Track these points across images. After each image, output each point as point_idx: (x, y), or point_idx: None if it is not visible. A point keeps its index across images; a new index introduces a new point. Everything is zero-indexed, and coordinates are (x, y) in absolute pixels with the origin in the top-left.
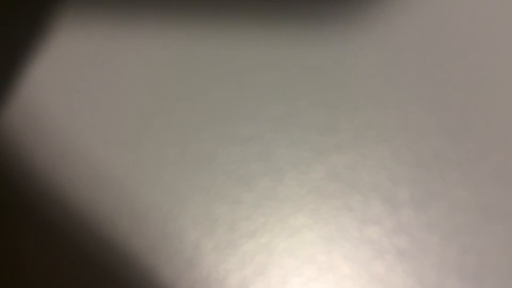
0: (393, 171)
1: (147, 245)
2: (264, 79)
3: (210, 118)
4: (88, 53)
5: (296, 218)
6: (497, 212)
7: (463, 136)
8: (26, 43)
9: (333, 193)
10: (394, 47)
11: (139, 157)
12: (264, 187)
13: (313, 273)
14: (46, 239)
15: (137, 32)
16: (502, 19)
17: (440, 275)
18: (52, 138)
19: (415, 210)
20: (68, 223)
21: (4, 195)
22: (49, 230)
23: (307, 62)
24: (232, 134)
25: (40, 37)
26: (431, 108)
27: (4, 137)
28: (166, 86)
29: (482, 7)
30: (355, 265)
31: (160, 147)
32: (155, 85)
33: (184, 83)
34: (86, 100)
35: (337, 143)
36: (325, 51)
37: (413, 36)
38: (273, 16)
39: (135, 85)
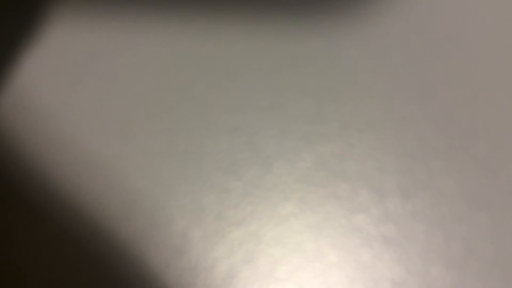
0: (379, 160)
1: (135, 233)
2: (251, 69)
3: (197, 107)
4: (76, 45)
5: (284, 207)
6: (482, 201)
7: (448, 125)
8: (20, 35)
9: (321, 182)
10: (380, 38)
11: (127, 146)
12: (252, 176)
13: (300, 261)
14: (35, 226)
15: (126, 24)
16: (484, 15)
17: (426, 263)
18: (42, 128)
19: (402, 199)
20: (57, 212)
21: None
22: (38, 218)
23: (295, 53)
24: (219, 123)
25: (33, 30)
26: (417, 98)
27: None
28: (154, 76)
29: (465, 2)
30: (342, 253)
31: (148, 136)
32: (143, 76)
33: (172, 73)
34: (75, 90)
35: (324, 132)
36: (312, 42)
37: (398, 28)
38: (260, 7)
39: (124, 75)
